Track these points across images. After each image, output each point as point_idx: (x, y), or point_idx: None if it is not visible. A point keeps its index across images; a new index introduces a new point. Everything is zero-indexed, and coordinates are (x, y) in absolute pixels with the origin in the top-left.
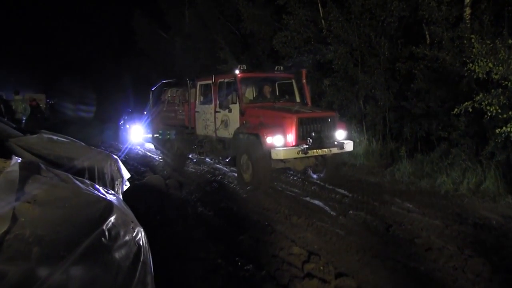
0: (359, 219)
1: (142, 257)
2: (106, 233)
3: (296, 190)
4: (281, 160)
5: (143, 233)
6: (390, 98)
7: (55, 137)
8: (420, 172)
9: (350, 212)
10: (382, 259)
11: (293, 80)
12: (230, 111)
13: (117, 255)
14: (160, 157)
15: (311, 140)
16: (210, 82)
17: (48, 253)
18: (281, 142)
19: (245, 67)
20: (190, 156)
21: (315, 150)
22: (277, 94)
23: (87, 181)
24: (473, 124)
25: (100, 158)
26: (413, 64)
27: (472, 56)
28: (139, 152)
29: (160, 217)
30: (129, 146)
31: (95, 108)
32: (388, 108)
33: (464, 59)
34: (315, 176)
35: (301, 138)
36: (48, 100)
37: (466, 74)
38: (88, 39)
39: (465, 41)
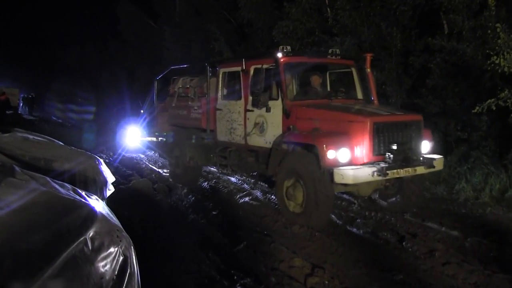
0: (367, 229)
1: (128, 270)
2: (89, 243)
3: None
4: (344, 184)
5: (129, 243)
6: (402, 95)
7: (30, 136)
8: (436, 177)
9: (358, 220)
10: (393, 273)
11: (353, 69)
12: (268, 110)
13: (100, 267)
14: (155, 165)
15: (391, 155)
16: (238, 69)
17: (23, 266)
18: (347, 157)
19: (289, 48)
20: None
21: (397, 170)
22: (329, 87)
23: (68, 185)
24: (496, 124)
25: (81, 159)
26: (429, 58)
27: (496, 47)
28: (136, 160)
29: (148, 225)
30: (123, 152)
31: (95, 108)
32: (400, 106)
33: (487, 51)
34: (384, 202)
35: (376, 152)
36: (22, 95)
37: (489, 68)
38: (65, 28)
39: (489, 31)
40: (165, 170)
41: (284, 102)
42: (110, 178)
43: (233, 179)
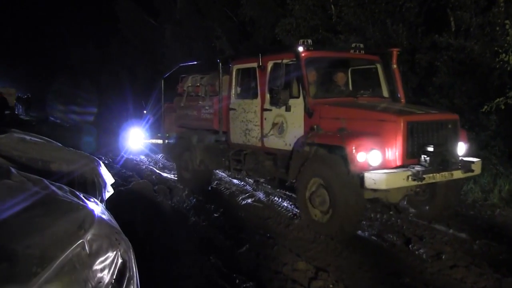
0: (372, 231)
1: (127, 274)
2: (87, 246)
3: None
4: (375, 189)
5: (129, 246)
6: (408, 93)
7: (27, 137)
8: None
9: (363, 222)
10: (400, 277)
11: (378, 65)
12: (288, 109)
13: (98, 271)
14: (156, 166)
15: (427, 158)
16: (254, 65)
17: (18, 270)
18: (378, 160)
19: (311, 42)
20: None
21: (434, 175)
22: (350, 85)
23: (65, 187)
24: (505, 124)
25: (80, 161)
26: (436, 55)
27: (505, 45)
28: (136, 161)
29: (148, 228)
30: (126, 155)
31: (96, 110)
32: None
33: (496, 48)
34: (413, 209)
35: (410, 154)
36: (18, 94)
37: (497, 66)
38: (64, 26)
39: (497, 28)
40: (166, 171)
41: (306, 100)
42: (109, 179)
43: (235, 180)
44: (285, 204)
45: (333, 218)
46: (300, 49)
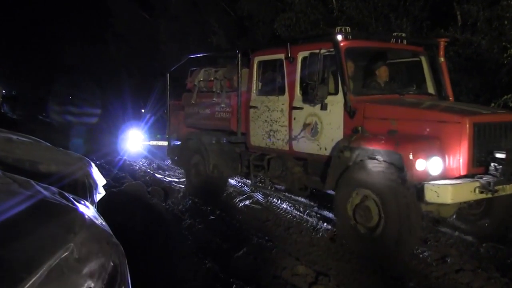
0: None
1: (118, 279)
2: (75, 251)
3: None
4: (437, 203)
5: (120, 251)
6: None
7: (14, 137)
8: None
9: None
10: (403, 281)
11: (423, 57)
12: (324, 107)
13: (88, 276)
14: (149, 167)
15: (498, 166)
16: (280, 56)
17: (3, 276)
18: (440, 169)
19: (349, 29)
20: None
21: (505, 186)
22: (389, 80)
23: (54, 189)
24: None
25: (70, 161)
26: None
27: None
28: (129, 162)
29: (141, 231)
30: (124, 158)
31: (100, 111)
32: None
33: (504, 43)
34: (465, 225)
35: (477, 162)
36: (3, 92)
37: (506, 62)
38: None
39: (506, 22)
40: (160, 172)
41: (347, 98)
42: (101, 181)
43: (232, 181)
44: (284, 206)
45: (384, 237)
46: (339, 37)
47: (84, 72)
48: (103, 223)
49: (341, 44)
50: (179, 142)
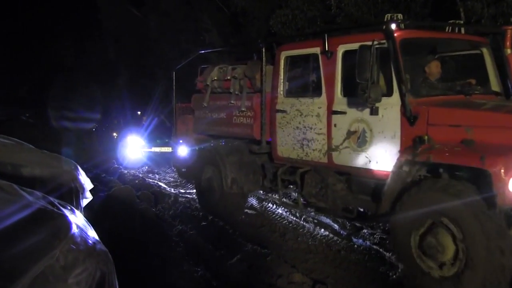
0: (374, 240)
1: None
2: (61, 258)
3: None
4: None
5: (108, 258)
6: None
7: None
8: None
9: (364, 231)
10: None
11: (485, 49)
12: (374, 112)
13: (75, 286)
14: (138, 170)
15: None
16: (315, 50)
17: None
18: None
19: (401, 17)
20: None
21: None
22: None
23: (38, 193)
24: None
25: (55, 164)
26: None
27: None
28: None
29: (130, 238)
30: (121, 168)
31: (99, 116)
32: None
33: None
34: None
35: None
36: None
37: None
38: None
39: (511, 19)
40: (150, 176)
41: (406, 100)
42: (88, 185)
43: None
44: (280, 212)
45: (465, 275)
46: (393, 26)
47: (69, 71)
48: (90, 229)
49: (396, 35)
50: (187, 151)
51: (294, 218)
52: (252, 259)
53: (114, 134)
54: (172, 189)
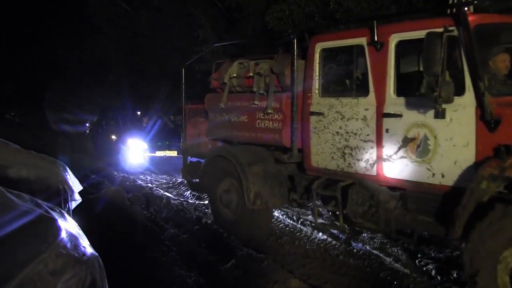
0: (374, 245)
1: None
2: (50, 263)
3: None
4: None
5: (98, 262)
6: None
7: None
8: None
9: (364, 234)
10: None
11: None
12: (440, 114)
13: None
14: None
15: None
16: (359, 41)
17: None
18: None
19: None
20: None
21: None
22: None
23: (25, 195)
24: None
25: (43, 165)
26: None
27: None
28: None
29: (120, 241)
30: (123, 172)
31: (96, 117)
32: None
33: None
34: None
35: None
36: None
37: None
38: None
39: None
40: (141, 177)
41: (484, 100)
42: (77, 186)
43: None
44: (276, 214)
45: None
46: (466, 9)
47: (59, 67)
48: (80, 232)
49: (471, 19)
50: (197, 159)
51: (291, 222)
52: (247, 264)
53: (113, 136)
54: (165, 191)
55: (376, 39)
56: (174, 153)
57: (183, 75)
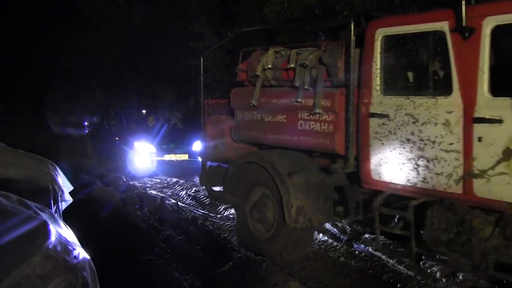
0: (377, 246)
1: None
2: (39, 266)
3: None
4: None
5: (90, 266)
6: None
7: None
8: None
9: (366, 236)
10: None
11: None
12: None
13: None
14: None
15: None
16: (436, 26)
17: None
18: None
19: None
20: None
21: None
22: None
23: (12, 196)
24: None
25: (31, 165)
26: None
27: None
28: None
29: (113, 244)
30: (129, 177)
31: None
32: None
33: None
34: None
35: None
36: None
37: None
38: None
39: None
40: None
41: None
42: (67, 187)
43: (215, 187)
44: None
45: None
46: None
47: (48, 59)
48: (71, 234)
49: None
50: (217, 163)
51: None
52: (245, 267)
53: (117, 138)
54: (159, 192)
55: (463, 23)
56: (185, 157)
57: (202, 65)
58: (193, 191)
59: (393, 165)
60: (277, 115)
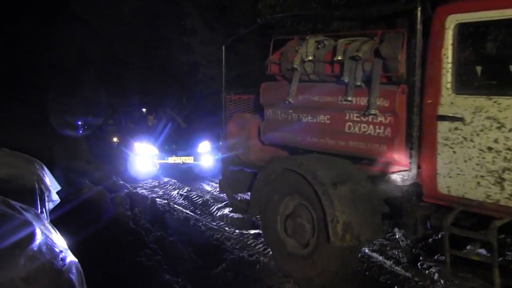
0: (374, 247)
1: None
2: (23, 270)
3: None
4: None
5: (77, 268)
6: None
7: None
8: None
9: None
10: None
11: None
12: None
13: None
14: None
15: None
16: None
17: None
18: None
19: None
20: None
21: None
22: None
23: None
24: None
25: (18, 164)
26: None
27: None
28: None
29: (102, 245)
30: (130, 182)
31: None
32: None
33: None
34: None
35: None
36: None
37: None
38: None
39: None
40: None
41: None
42: (55, 186)
43: (208, 186)
44: None
45: None
46: None
47: (35, 53)
48: (57, 236)
49: None
50: (240, 168)
51: None
52: (239, 268)
53: (115, 139)
54: (149, 191)
55: None
56: (190, 159)
57: (223, 56)
58: (185, 190)
59: (469, 178)
60: (319, 115)
